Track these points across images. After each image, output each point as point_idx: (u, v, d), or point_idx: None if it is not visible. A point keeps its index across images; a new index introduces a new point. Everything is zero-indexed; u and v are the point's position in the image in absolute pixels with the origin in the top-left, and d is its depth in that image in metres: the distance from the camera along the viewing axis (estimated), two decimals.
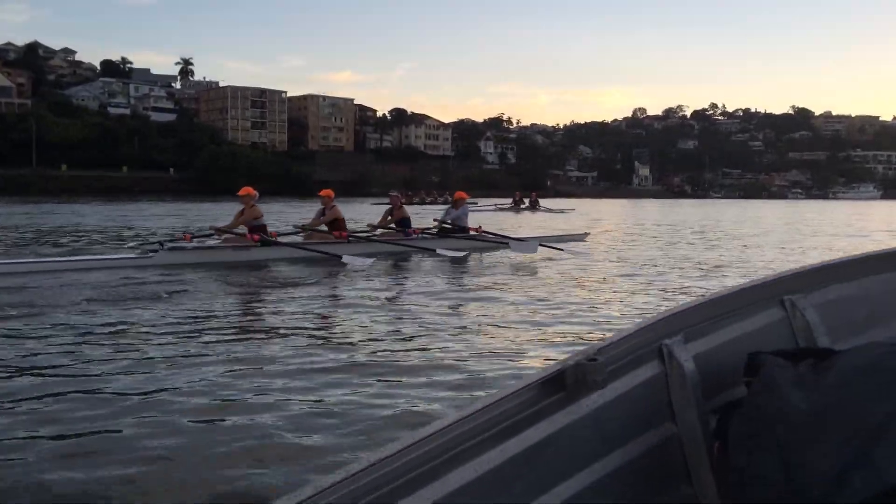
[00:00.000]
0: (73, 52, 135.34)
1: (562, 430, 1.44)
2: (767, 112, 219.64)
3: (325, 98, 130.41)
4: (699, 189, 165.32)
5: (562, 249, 13.40)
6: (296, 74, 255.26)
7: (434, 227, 14.52)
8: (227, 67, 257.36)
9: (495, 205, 43.29)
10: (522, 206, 42.58)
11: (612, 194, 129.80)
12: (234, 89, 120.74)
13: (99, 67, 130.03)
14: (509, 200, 44.23)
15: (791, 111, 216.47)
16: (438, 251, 12.67)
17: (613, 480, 1.54)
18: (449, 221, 14.65)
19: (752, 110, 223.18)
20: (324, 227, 12.94)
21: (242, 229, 11.90)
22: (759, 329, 2.02)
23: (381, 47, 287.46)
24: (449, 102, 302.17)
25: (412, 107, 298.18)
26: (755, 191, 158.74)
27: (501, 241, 13.94)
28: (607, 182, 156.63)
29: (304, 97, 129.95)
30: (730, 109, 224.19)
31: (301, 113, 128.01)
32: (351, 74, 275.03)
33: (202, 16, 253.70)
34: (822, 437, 1.41)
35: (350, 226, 14.05)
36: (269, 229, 12.47)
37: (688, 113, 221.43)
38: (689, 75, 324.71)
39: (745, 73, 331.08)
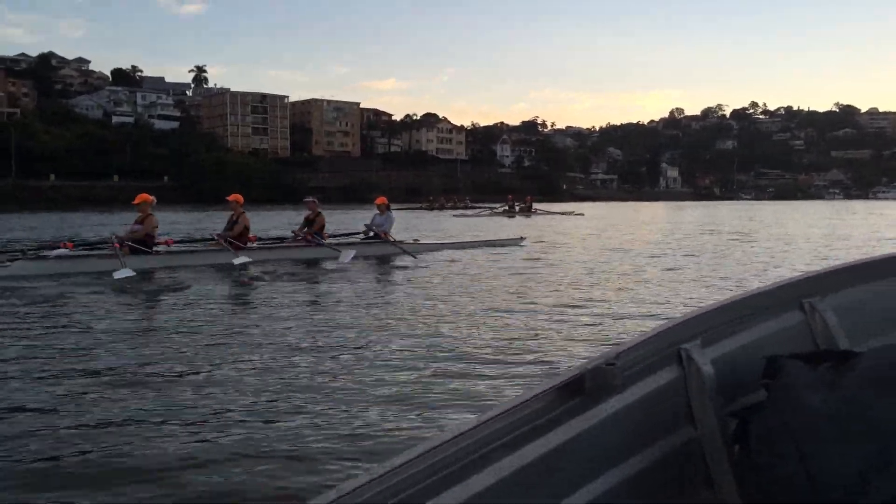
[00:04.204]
0: (86, 62, 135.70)
1: (581, 435, 1.45)
2: (811, 110, 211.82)
3: (329, 102, 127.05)
4: (728, 190, 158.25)
5: (410, 255, 13.62)
6: (342, 83, 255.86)
7: (360, 234, 14.71)
8: (271, 77, 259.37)
9: (490, 209, 42.73)
10: (518, 208, 41.64)
11: (632, 197, 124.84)
12: (234, 94, 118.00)
13: (110, 76, 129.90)
14: (502, 205, 43.27)
15: (835, 108, 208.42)
16: (235, 260, 11.89)
17: (633, 484, 1.55)
18: (373, 229, 14.61)
19: (795, 108, 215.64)
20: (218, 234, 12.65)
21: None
22: (777, 332, 2.03)
23: (426, 54, 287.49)
24: (491, 108, 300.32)
25: (453, 112, 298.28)
26: (789, 191, 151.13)
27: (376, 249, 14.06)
28: (629, 185, 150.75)
29: (308, 101, 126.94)
30: (771, 108, 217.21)
31: (305, 118, 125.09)
32: (395, 82, 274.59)
33: (249, 27, 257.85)
34: (843, 439, 1.43)
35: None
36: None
37: (727, 112, 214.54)
38: (731, 75, 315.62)
39: (789, 70, 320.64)
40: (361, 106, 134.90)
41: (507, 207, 41.92)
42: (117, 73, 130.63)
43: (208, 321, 7.16)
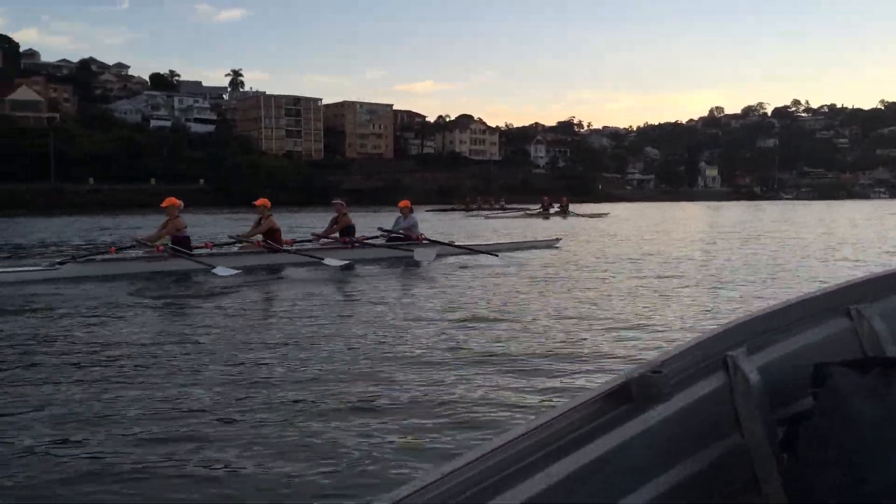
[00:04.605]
0: (126, 67, 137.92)
1: (628, 442, 1.46)
2: (855, 107, 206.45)
3: (362, 104, 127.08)
4: (769, 190, 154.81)
5: (479, 251, 14.12)
6: (378, 86, 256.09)
7: (380, 236, 14.27)
8: (307, 81, 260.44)
9: (524, 211, 42.61)
10: (551, 211, 41.06)
11: (669, 197, 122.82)
12: (268, 98, 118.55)
13: (149, 81, 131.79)
14: (538, 206, 42.96)
15: (881, 106, 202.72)
16: (325, 261, 12.10)
17: (681, 491, 1.56)
18: (401, 231, 14.26)
19: (839, 106, 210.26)
20: (259, 237, 12.73)
21: (165, 241, 11.71)
22: (825, 339, 2.01)
23: (464, 57, 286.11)
24: (528, 109, 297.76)
25: (489, 114, 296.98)
26: (833, 190, 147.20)
27: (406, 251, 13.55)
28: (666, 185, 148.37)
29: (341, 104, 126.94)
30: (814, 106, 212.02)
31: (338, 120, 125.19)
32: (432, 84, 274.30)
33: (287, 32, 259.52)
34: (892, 446, 1.43)
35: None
36: (204, 240, 12.96)
37: (769, 111, 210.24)
38: (773, 73, 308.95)
39: (832, 67, 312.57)
40: (396, 108, 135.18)
41: (542, 209, 41.41)
42: (156, 77, 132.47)
43: (255, 320, 7.54)
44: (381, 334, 6.55)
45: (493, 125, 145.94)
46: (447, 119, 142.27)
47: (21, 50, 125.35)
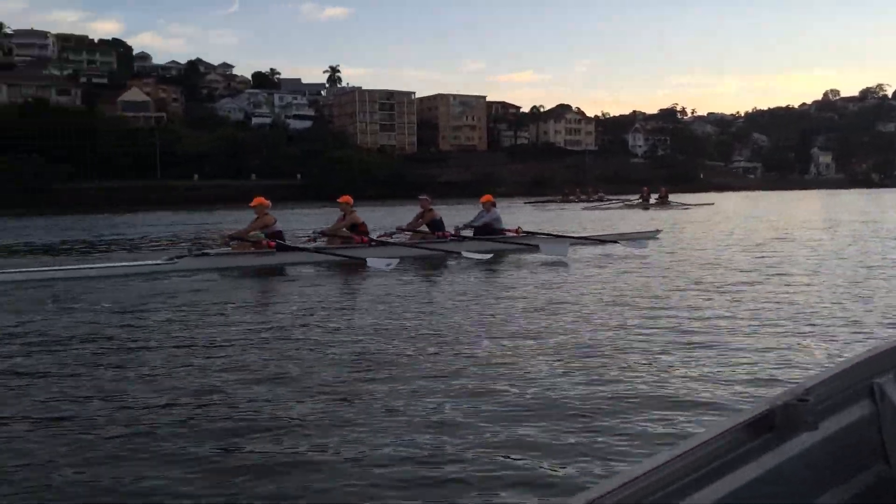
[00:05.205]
0: (230, 67, 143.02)
1: (771, 471, 1.43)
2: None
3: (455, 97, 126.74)
4: (887, 177, 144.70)
5: (614, 242, 13.93)
6: (476, 78, 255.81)
7: (466, 230, 14.38)
8: (404, 75, 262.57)
9: (623, 201, 41.90)
10: (651, 201, 39.53)
11: (777, 186, 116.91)
12: (362, 92, 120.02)
13: (251, 80, 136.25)
14: (637, 197, 41.93)
15: None
16: (464, 254, 12.53)
17: None
18: (480, 224, 14.32)
19: None
20: (345, 231, 13.03)
21: (257, 236, 12.16)
22: None
23: (565, 45, 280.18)
24: (628, 97, 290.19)
25: (589, 103, 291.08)
26: None
27: (531, 244, 13.49)
28: (774, 172, 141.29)
29: (434, 97, 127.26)
30: None
31: (431, 113, 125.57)
32: (532, 74, 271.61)
33: (387, 28, 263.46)
34: None
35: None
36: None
37: (889, 92, 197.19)
38: (893, 52, 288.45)
39: None
40: (491, 99, 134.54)
41: (641, 199, 40.15)
42: (258, 76, 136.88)
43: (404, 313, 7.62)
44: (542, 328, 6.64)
45: (591, 114, 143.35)
46: (541, 109, 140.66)
47: (134, 53, 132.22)
